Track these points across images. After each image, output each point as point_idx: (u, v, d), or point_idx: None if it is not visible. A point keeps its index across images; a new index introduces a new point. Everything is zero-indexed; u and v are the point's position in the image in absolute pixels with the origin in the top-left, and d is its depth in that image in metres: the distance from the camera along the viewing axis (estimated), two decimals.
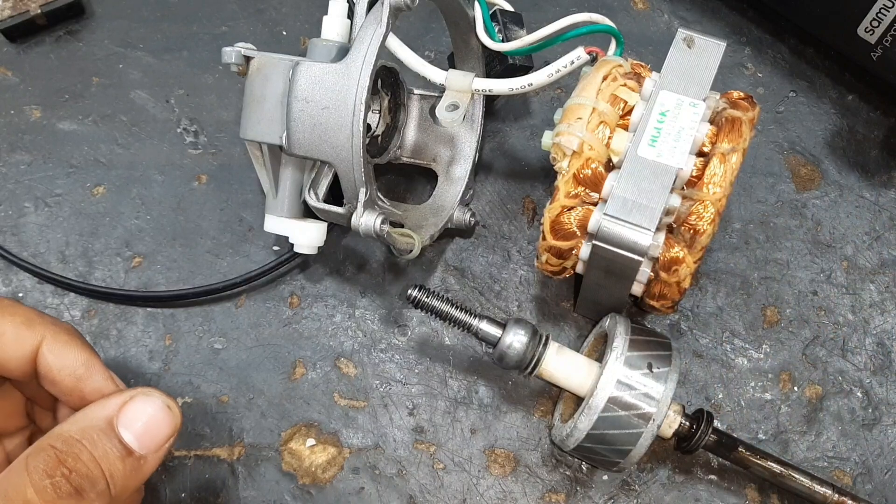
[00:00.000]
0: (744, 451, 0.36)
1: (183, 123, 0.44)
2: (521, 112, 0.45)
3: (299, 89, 0.33)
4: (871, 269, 0.42)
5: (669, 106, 0.33)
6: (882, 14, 0.39)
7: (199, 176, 0.43)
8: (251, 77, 0.35)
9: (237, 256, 0.42)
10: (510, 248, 0.42)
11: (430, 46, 0.46)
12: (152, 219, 0.43)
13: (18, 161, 0.43)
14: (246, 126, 0.36)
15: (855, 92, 0.45)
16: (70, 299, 0.41)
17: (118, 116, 0.44)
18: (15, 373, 0.30)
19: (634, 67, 0.35)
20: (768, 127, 0.45)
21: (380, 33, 0.33)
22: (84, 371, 0.30)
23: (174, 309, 0.41)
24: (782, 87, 0.46)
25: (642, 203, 0.32)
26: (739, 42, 0.46)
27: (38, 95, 0.44)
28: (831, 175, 0.44)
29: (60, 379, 0.30)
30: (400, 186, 0.44)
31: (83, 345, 0.31)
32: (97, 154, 0.44)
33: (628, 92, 0.34)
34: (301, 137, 0.34)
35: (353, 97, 0.32)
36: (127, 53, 0.46)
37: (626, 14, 0.47)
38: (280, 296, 0.41)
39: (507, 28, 0.41)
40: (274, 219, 0.38)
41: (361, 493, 0.38)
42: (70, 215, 0.42)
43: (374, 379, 0.40)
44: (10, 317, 0.30)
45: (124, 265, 0.42)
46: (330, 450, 0.39)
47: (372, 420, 0.39)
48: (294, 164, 0.37)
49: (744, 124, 0.33)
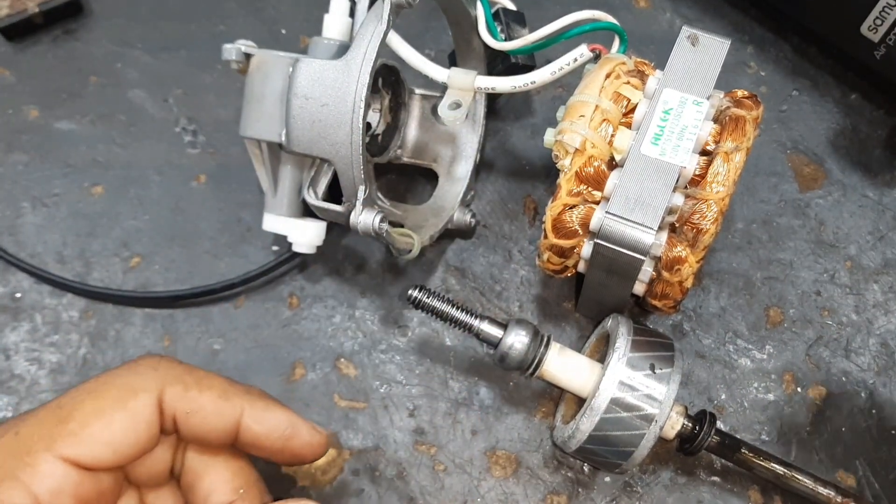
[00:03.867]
0: (747, 453, 0.35)
1: (181, 123, 0.44)
2: (522, 111, 0.45)
3: (299, 86, 0.33)
4: (874, 269, 0.42)
5: (673, 104, 0.33)
6: (885, 13, 0.39)
7: (197, 176, 0.43)
8: (251, 74, 0.35)
9: (236, 257, 0.42)
10: (511, 248, 0.42)
11: (430, 45, 0.46)
12: (150, 219, 0.42)
13: (16, 161, 0.43)
14: (246, 124, 0.35)
15: (858, 91, 0.45)
16: (68, 300, 0.41)
17: (116, 116, 0.44)
18: (214, 444, 0.31)
19: (638, 65, 0.35)
20: (771, 126, 0.44)
21: (380, 30, 0.32)
22: (291, 430, 0.31)
23: (172, 310, 0.41)
24: (785, 85, 0.45)
25: (645, 201, 0.32)
26: (742, 40, 0.46)
27: (36, 95, 0.44)
28: (834, 174, 0.44)
29: (269, 444, 0.31)
30: (400, 186, 0.43)
31: (279, 405, 0.32)
32: (95, 154, 0.43)
33: (631, 90, 0.34)
34: (300, 135, 0.33)
35: (353, 94, 0.32)
36: (125, 52, 0.45)
37: (627, 12, 0.46)
38: (279, 296, 0.41)
39: (510, 27, 0.40)
40: (273, 217, 0.38)
41: (361, 494, 0.38)
42: (68, 215, 0.42)
43: (374, 380, 0.40)
44: (208, 391, 0.30)
45: (122, 265, 0.41)
46: (330, 451, 0.38)
47: (372, 421, 0.39)
48: (293, 163, 0.37)
49: (747, 123, 0.33)
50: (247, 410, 0.30)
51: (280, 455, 0.31)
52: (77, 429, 0.28)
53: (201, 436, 0.30)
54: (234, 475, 0.31)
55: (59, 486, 0.27)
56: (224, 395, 0.30)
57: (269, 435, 0.31)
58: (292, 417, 0.31)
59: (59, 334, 0.40)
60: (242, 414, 0.30)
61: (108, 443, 0.28)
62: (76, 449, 0.27)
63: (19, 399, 0.39)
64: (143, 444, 0.29)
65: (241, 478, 0.31)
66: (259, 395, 0.31)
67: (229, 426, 0.30)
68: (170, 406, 0.29)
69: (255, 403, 0.31)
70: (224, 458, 0.31)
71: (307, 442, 0.32)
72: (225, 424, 0.30)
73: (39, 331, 0.40)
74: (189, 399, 0.30)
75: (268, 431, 0.31)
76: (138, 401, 0.29)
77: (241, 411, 0.30)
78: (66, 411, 0.28)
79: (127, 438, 0.28)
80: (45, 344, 0.40)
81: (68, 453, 0.27)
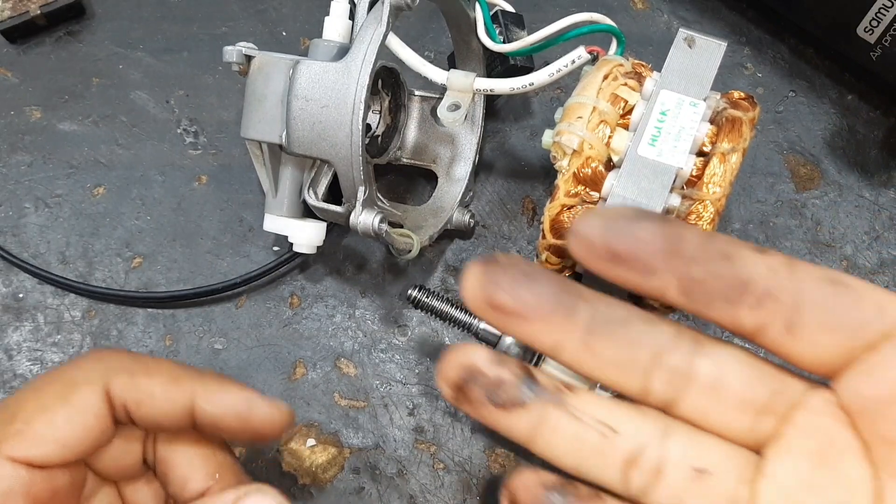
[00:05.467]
0: None
1: (183, 124, 0.44)
2: (521, 112, 0.45)
3: (299, 88, 0.33)
4: (870, 268, 0.42)
5: (670, 105, 0.33)
6: (881, 14, 0.39)
7: (199, 176, 0.43)
8: (252, 76, 0.35)
9: (237, 257, 0.42)
10: (510, 249, 0.42)
11: (430, 46, 0.46)
12: (152, 219, 0.43)
13: (19, 162, 0.43)
14: (247, 125, 0.36)
15: (854, 92, 0.45)
16: (70, 300, 0.41)
17: (118, 117, 0.44)
18: (170, 429, 0.31)
19: (635, 67, 0.35)
20: (768, 127, 0.45)
21: (380, 32, 0.33)
22: (248, 409, 0.30)
23: (174, 309, 0.41)
24: (782, 86, 0.46)
25: (642, 202, 0.32)
26: (739, 42, 0.46)
27: (39, 96, 0.45)
28: (831, 175, 0.44)
29: (227, 424, 0.30)
30: (400, 187, 0.44)
31: (235, 384, 0.31)
32: (97, 154, 0.44)
33: (629, 91, 0.34)
34: (301, 136, 0.34)
35: (353, 95, 0.32)
36: (127, 54, 0.46)
37: (625, 14, 0.47)
38: (280, 296, 0.41)
39: (508, 29, 0.41)
40: (273, 218, 0.38)
41: (362, 493, 0.38)
42: (70, 216, 0.42)
43: (374, 379, 0.40)
44: (156, 377, 0.30)
45: (124, 266, 0.42)
46: (330, 450, 0.39)
47: (372, 420, 0.39)
48: (294, 164, 0.37)
49: (744, 124, 0.33)
50: (199, 393, 0.30)
51: (242, 434, 0.31)
52: (22, 427, 0.27)
53: (156, 423, 0.30)
54: (206, 461, 0.31)
55: (9, 487, 0.27)
56: (173, 380, 0.30)
57: (226, 415, 0.30)
58: (248, 395, 0.30)
59: (62, 334, 0.41)
60: (194, 397, 0.29)
61: (54, 439, 0.27)
62: (22, 448, 0.27)
63: None
64: (94, 437, 0.28)
65: (214, 462, 0.31)
66: (213, 378, 0.31)
67: (182, 410, 0.29)
68: (119, 396, 0.29)
69: (207, 386, 0.30)
70: (192, 445, 0.31)
71: (267, 419, 0.31)
72: (177, 409, 0.29)
73: (42, 331, 0.41)
74: (137, 387, 0.29)
75: (223, 412, 0.30)
76: (82, 394, 0.28)
77: (193, 394, 0.29)
78: (11, 411, 0.28)
79: (74, 433, 0.28)
80: (48, 344, 0.40)
81: (14, 453, 0.27)
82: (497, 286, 0.26)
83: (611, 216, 0.26)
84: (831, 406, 0.26)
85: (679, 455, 0.27)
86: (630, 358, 0.27)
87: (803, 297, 0.25)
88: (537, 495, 0.28)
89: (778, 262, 0.25)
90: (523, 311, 0.27)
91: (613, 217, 0.26)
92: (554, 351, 0.27)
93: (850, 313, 0.25)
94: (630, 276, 0.26)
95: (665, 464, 0.27)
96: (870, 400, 0.25)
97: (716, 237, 0.26)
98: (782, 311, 0.25)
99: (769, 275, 0.25)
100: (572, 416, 0.27)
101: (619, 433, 0.27)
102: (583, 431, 0.27)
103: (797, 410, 0.27)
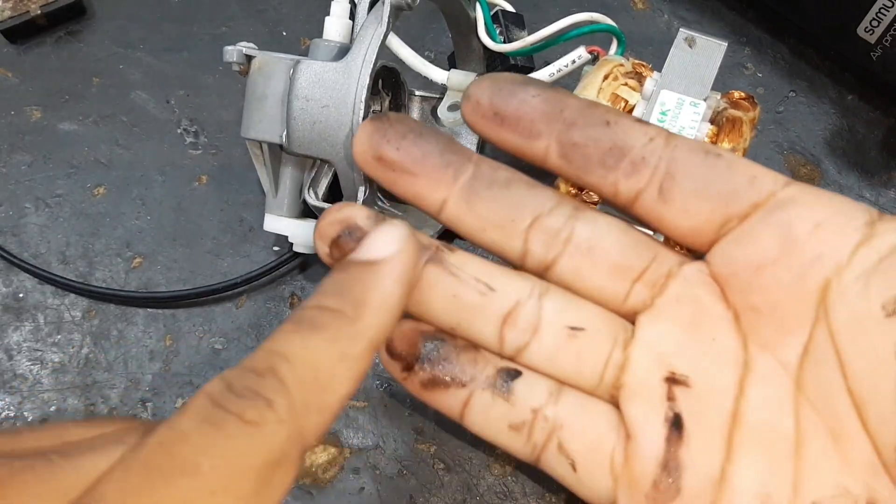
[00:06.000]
0: None
1: (183, 124, 0.44)
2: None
3: (299, 88, 0.33)
4: None
5: (670, 105, 0.33)
6: (882, 14, 0.39)
7: (199, 176, 0.43)
8: (252, 76, 0.35)
9: (238, 257, 0.42)
10: None
11: (430, 47, 0.46)
12: (153, 219, 0.43)
13: (19, 162, 0.43)
14: (247, 125, 0.36)
15: (854, 92, 0.45)
16: (70, 300, 0.41)
17: (118, 117, 0.44)
18: None
19: (636, 67, 0.35)
20: (768, 127, 0.45)
21: (380, 32, 0.33)
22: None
23: (175, 309, 0.41)
24: (782, 86, 0.46)
25: None
26: (739, 42, 0.46)
27: (39, 96, 0.45)
28: (831, 175, 0.44)
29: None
30: None
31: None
32: (98, 154, 0.44)
33: (629, 91, 0.34)
34: (301, 136, 0.34)
35: (353, 95, 0.33)
36: (127, 54, 0.46)
37: (625, 14, 0.47)
38: (280, 296, 0.41)
39: (509, 29, 0.41)
40: (273, 218, 0.38)
41: (362, 492, 0.38)
42: (70, 216, 0.42)
43: (374, 379, 0.40)
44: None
45: (125, 266, 0.42)
46: (330, 450, 0.39)
47: (372, 420, 0.39)
48: (294, 163, 0.37)
49: (744, 124, 0.33)
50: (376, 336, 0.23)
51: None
52: None
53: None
54: None
55: None
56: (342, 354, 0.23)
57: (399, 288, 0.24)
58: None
59: (62, 334, 0.41)
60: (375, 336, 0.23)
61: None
62: None
63: (21, 399, 0.39)
64: None
65: None
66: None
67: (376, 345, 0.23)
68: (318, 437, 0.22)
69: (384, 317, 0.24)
70: None
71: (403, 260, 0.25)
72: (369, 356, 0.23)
73: (42, 331, 0.41)
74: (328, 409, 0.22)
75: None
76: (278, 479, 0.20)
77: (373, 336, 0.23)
78: None
79: None
80: (48, 344, 0.40)
81: None
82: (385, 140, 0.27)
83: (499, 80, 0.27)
84: (704, 277, 0.27)
85: (554, 314, 0.28)
86: (511, 218, 0.27)
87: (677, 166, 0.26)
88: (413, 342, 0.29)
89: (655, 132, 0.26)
90: (409, 166, 0.27)
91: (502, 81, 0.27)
92: (437, 210, 0.28)
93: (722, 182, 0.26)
94: (513, 138, 0.27)
95: (540, 322, 0.28)
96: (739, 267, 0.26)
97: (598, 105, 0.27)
98: (656, 178, 0.26)
99: (646, 143, 0.26)
100: (450, 273, 0.28)
101: (497, 291, 0.28)
102: (460, 288, 0.28)
103: (671, 280, 0.27)
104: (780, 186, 0.26)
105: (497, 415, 0.29)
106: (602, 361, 0.28)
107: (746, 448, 0.26)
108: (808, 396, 0.25)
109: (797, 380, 0.26)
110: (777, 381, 0.26)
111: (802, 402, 0.25)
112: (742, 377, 0.26)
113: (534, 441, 0.29)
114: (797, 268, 0.25)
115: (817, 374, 0.25)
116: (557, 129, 0.26)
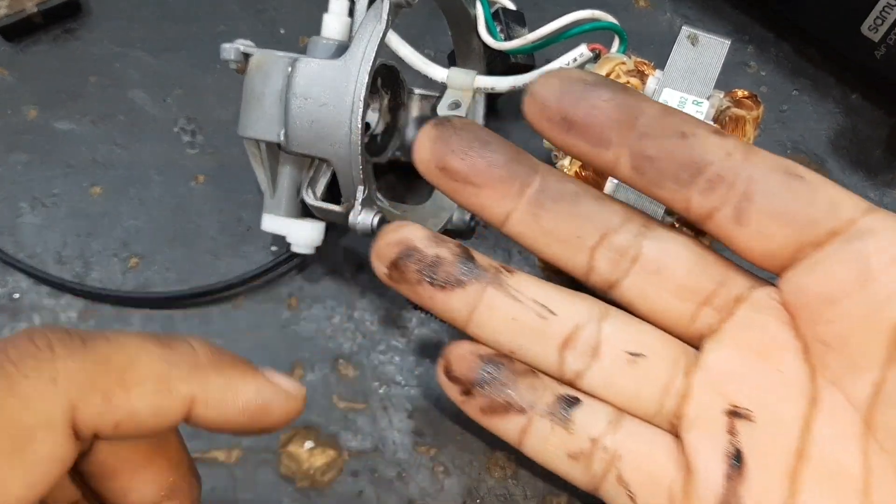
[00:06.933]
0: None
1: (181, 123, 0.44)
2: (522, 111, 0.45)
3: (298, 86, 0.33)
4: None
5: (673, 104, 0.33)
6: (886, 12, 0.39)
7: (197, 176, 0.43)
8: (250, 74, 0.35)
9: (235, 257, 0.42)
10: (511, 248, 0.42)
11: (430, 45, 0.45)
12: (150, 219, 0.42)
13: (15, 161, 0.43)
14: (245, 124, 0.35)
15: (858, 91, 0.45)
16: (66, 300, 0.41)
17: (116, 116, 0.44)
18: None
19: (638, 65, 0.35)
20: (771, 126, 0.44)
21: (379, 30, 0.32)
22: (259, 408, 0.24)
23: (171, 310, 0.41)
24: (785, 85, 0.45)
25: (644, 202, 0.32)
26: (742, 40, 0.46)
27: (35, 95, 0.44)
28: (835, 174, 0.43)
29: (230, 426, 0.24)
30: (400, 187, 0.43)
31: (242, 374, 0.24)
32: (95, 154, 0.43)
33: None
34: (299, 134, 0.33)
35: (352, 94, 0.32)
36: (125, 53, 0.45)
37: (627, 12, 0.46)
38: (278, 297, 0.41)
39: (509, 27, 0.40)
40: (271, 218, 0.38)
41: (361, 496, 0.38)
42: (67, 216, 0.42)
43: (373, 381, 0.40)
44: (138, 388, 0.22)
45: (121, 266, 0.41)
46: (329, 452, 0.38)
47: (371, 422, 0.39)
48: (292, 163, 0.37)
49: (747, 123, 0.33)
50: (198, 398, 0.23)
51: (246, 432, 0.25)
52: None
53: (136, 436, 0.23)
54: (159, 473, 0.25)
55: None
56: (162, 386, 0.22)
57: (232, 420, 0.24)
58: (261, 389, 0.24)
59: None
60: (193, 404, 0.23)
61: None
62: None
63: None
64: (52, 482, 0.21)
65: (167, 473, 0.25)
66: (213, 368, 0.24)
67: (173, 421, 0.23)
68: (88, 425, 0.21)
69: (208, 384, 0.23)
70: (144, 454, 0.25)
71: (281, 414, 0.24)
72: (168, 422, 0.23)
73: None
74: (114, 409, 0.21)
75: (228, 418, 0.23)
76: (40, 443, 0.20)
77: (190, 401, 0.23)
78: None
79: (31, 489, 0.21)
80: None
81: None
82: (449, 149, 0.26)
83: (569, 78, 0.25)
84: (774, 303, 0.26)
85: (615, 339, 0.27)
86: (578, 234, 0.27)
87: (755, 186, 0.24)
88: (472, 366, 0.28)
89: (734, 145, 0.25)
90: (474, 177, 0.26)
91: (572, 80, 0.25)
92: (501, 222, 0.27)
93: (801, 206, 0.24)
94: (581, 145, 0.25)
95: (600, 347, 0.27)
96: (811, 297, 0.25)
97: (673, 113, 0.25)
98: (733, 198, 0.24)
99: (724, 158, 0.24)
100: (510, 296, 0.27)
101: (557, 314, 0.27)
102: (520, 312, 0.27)
103: (740, 305, 0.26)
104: (860, 213, 0.25)
105: (556, 443, 0.28)
106: (662, 388, 0.27)
107: (811, 486, 0.24)
108: (878, 437, 0.24)
109: (866, 419, 0.24)
110: (845, 418, 0.25)
111: (871, 443, 0.24)
112: (808, 412, 0.25)
113: (593, 471, 0.28)
114: (872, 303, 0.24)
115: (888, 416, 0.24)
116: (630, 138, 0.25)
